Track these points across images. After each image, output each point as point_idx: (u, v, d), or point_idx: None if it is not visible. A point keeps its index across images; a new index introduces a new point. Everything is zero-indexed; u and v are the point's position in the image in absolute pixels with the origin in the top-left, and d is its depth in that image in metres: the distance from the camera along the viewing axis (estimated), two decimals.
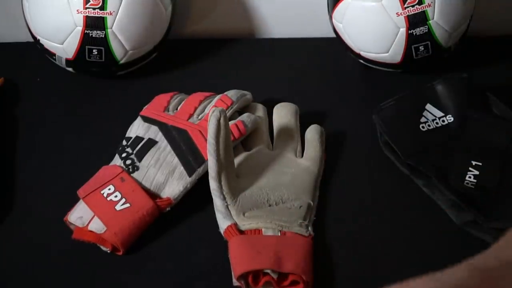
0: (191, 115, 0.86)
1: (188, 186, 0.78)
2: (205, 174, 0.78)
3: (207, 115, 0.83)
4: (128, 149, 0.82)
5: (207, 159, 0.76)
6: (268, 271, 0.69)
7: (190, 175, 0.79)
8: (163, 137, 0.83)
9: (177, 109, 0.88)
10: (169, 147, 0.81)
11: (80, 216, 0.75)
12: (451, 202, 0.78)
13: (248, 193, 0.77)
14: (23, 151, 0.87)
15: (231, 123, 0.83)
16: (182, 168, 0.79)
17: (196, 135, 0.82)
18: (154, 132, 0.84)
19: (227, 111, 0.85)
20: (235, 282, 0.70)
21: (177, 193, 0.78)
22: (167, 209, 0.77)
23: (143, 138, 0.83)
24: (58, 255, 0.75)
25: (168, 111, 0.87)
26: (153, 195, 0.77)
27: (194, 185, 0.79)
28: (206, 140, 0.77)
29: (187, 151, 0.81)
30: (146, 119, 0.86)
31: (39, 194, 0.82)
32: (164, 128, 0.84)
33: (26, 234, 0.77)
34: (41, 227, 0.77)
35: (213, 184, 0.76)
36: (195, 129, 0.83)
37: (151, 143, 0.82)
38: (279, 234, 0.73)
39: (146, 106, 0.89)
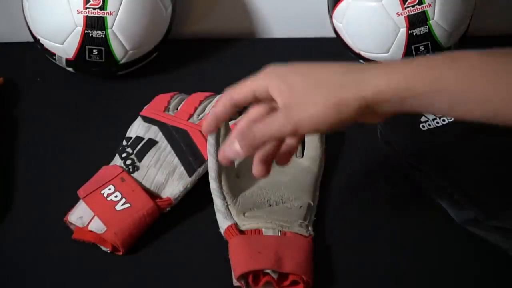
0: (191, 115, 0.85)
1: (188, 186, 0.78)
2: (205, 174, 0.78)
3: (207, 115, 0.83)
4: (128, 149, 0.82)
5: (207, 159, 0.76)
6: (268, 271, 0.69)
7: (190, 175, 0.79)
8: (163, 137, 0.83)
9: (177, 109, 0.87)
10: (169, 147, 0.81)
11: (80, 216, 0.75)
12: (452, 201, 0.78)
13: (248, 193, 0.77)
14: (23, 151, 0.87)
15: (231, 123, 0.83)
16: (182, 168, 0.79)
17: (197, 135, 0.82)
18: (154, 132, 0.83)
19: None
20: (235, 282, 0.70)
21: (177, 193, 0.78)
22: (167, 209, 0.77)
23: (143, 138, 0.83)
24: (58, 255, 0.75)
25: (168, 111, 0.87)
26: (153, 195, 0.77)
27: (194, 185, 0.79)
28: (206, 140, 0.77)
29: (187, 151, 0.81)
30: (146, 119, 0.86)
31: (39, 194, 0.82)
32: (164, 128, 0.84)
33: (26, 234, 0.77)
34: (41, 227, 0.77)
35: (213, 184, 0.76)
36: (195, 129, 0.83)
37: (151, 143, 0.82)
38: (279, 234, 0.73)
39: (146, 106, 0.89)
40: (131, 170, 0.80)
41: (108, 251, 0.74)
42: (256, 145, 0.63)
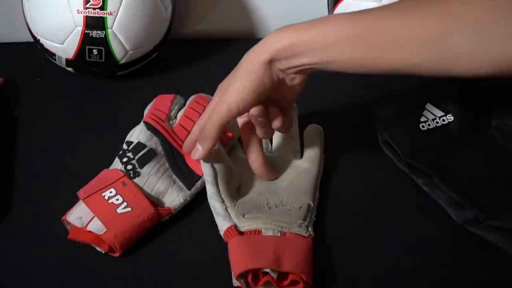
0: (188, 133, 0.85)
1: (188, 198, 0.78)
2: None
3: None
4: (129, 154, 0.82)
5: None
6: (268, 270, 0.69)
7: (189, 188, 0.79)
8: (163, 152, 0.82)
9: (176, 117, 0.87)
10: (168, 164, 0.81)
11: (80, 216, 0.74)
12: (452, 201, 0.78)
13: (248, 198, 0.77)
14: (23, 151, 0.87)
15: None
16: (181, 183, 0.80)
17: (191, 160, 0.81)
18: (155, 144, 0.83)
19: None
20: (235, 282, 0.70)
21: (177, 204, 0.78)
22: (166, 218, 0.77)
23: (145, 146, 0.82)
24: (58, 255, 0.75)
25: (170, 120, 0.87)
26: (154, 202, 0.77)
27: (195, 196, 0.79)
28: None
29: (184, 170, 0.81)
30: (149, 127, 0.85)
31: (39, 194, 0.81)
32: (165, 144, 0.83)
33: (25, 234, 0.77)
34: (41, 227, 0.77)
35: (210, 189, 0.76)
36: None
37: (153, 153, 0.82)
38: (279, 235, 0.73)
39: (148, 109, 0.88)
40: (131, 175, 0.79)
41: (103, 252, 0.74)
42: (211, 137, 0.74)
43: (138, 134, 0.84)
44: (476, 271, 0.74)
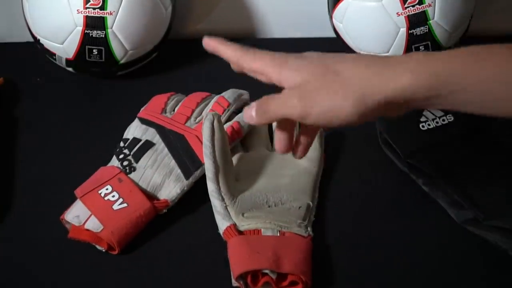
0: (188, 118, 0.85)
1: (185, 188, 0.78)
2: (203, 176, 0.77)
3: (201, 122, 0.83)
4: (126, 150, 0.82)
5: (204, 163, 0.76)
6: (267, 271, 0.69)
7: (187, 178, 0.79)
8: (160, 140, 0.82)
9: (174, 110, 0.87)
10: (166, 150, 0.81)
11: (77, 215, 0.75)
12: (451, 200, 0.78)
13: (247, 194, 0.77)
14: (23, 151, 0.87)
15: (228, 124, 0.83)
16: (179, 170, 0.79)
17: (193, 140, 0.81)
18: (151, 134, 0.83)
19: (224, 113, 0.85)
20: (234, 283, 0.70)
21: (174, 195, 0.78)
22: (164, 210, 0.77)
23: (140, 140, 0.83)
24: (58, 255, 0.75)
25: (165, 112, 0.87)
26: (150, 196, 0.77)
27: (193, 185, 0.79)
28: (202, 144, 0.77)
29: (184, 154, 0.80)
30: (143, 121, 0.85)
31: (39, 194, 0.82)
32: (162, 131, 0.83)
33: (25, 234, 0.77)
34: (41, 227, 0.77)
35: (211, 186, 0.75)
36: (192, 134, 0.82)
37: (149, 144, 0.82)
38: (278, 235, 0.73)
39: (143, 108, 0.88)
40: (128, 171, 0.79)
41: (103, 250, 0.74)
42: (267, 118, 0.62)
43: (133, 130, 0.85)
44: (476, 271, 0.73)
